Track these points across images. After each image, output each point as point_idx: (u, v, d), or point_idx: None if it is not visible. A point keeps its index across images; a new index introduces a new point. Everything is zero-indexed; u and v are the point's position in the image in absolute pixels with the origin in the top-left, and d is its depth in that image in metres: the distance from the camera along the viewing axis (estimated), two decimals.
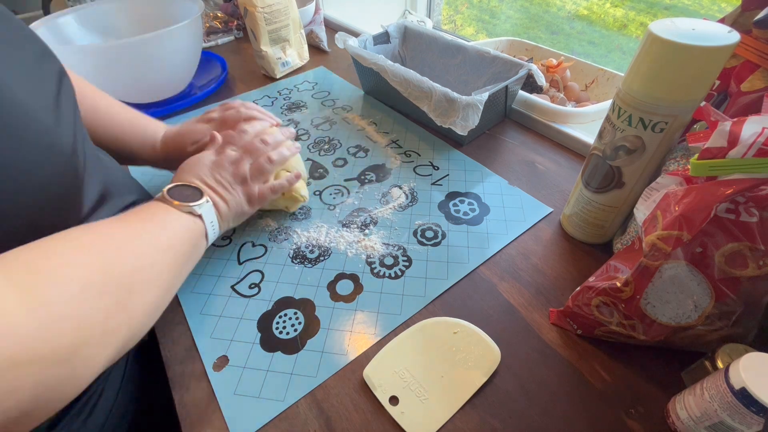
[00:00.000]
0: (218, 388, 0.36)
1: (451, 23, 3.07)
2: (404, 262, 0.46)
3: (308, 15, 0.90)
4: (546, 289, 0.42)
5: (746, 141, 0.26)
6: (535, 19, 3.03)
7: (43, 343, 0.23)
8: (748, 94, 0.36)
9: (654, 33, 0.31)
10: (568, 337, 0.39)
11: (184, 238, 0.36)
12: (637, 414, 0.33)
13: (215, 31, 1.04)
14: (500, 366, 0.36)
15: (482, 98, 0.53)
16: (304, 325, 0.41)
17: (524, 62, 0.61)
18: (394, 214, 0.52)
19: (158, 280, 0.32)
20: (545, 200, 0.52)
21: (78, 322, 0.25)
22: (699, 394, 0.29)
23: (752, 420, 0.26)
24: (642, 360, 0.36)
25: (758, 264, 0.29)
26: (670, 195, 0.31)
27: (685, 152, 0.36)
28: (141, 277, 0.30)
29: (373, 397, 0.35)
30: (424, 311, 0.41)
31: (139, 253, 0.31)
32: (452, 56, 0.70)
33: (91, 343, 0.26)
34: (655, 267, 0.30)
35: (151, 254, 0.32)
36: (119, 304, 0.28)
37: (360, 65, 0.68)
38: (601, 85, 0.73)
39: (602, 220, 0.43)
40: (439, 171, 0.57)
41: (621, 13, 2.88)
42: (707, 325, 0.32)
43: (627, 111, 0.35)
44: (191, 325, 0.41)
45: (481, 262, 0.45)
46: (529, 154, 0.59)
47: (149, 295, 0.31)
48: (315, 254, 0.47)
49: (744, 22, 0.36)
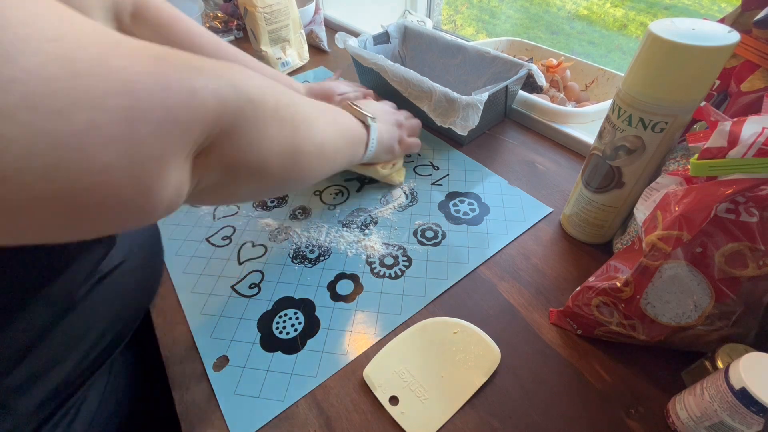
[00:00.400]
0: (218, 388, 0.36)
1: (451, 23, 3.07)
2: (404, 262, 0.46)
3: (308, 15, 0.90)
4: (546, 289, 0.42)
5: (746, 141, 0.26)
6: (535, 19, 3.03)
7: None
8: (748, 94, 0.36)
9: (654, 33, 0.31)
10: (568, 337, 0.38)
11: (350, 133, 0.42)
12: (637, 414, 0.33)
13: (215, 31, 1.04)
14: (500, 366, 0.36)
15: (482, 98, 0.53)
16: (304, 325, 0.41)
17: (524, 62, 0.61)
18: (394, 214, 0.52)
19: (324, 150, 0.36)
20: (545, 200, 0.52)
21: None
22: (699, 394, 0.29)
23: (752, 420, 0.26)
24: (642, 360, 0.36)
25: (758, 264, 0.29)
26: (670, 195, 0.31)
27: (685, 152, 0.36)
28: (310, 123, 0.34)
29: (373, 397, 0.35)
30: (424, 311, 0.41)
31: (321, 124, 0.35)
32: (452, 56, 0.70)
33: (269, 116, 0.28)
34: (655, 267, 0.30)
35: (330, 130, 0.37)
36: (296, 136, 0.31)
37: (360, 65, 0.68)
38: (601, 85, 0.73)
39: (602, 220, 0.43)
40: (439, 171, 0.57)
41: (621, 13, 2.88)
42: (707, 325, 0.32)
43: (627, 111, 0.35)
44: (191, 325, 0.41)
45: (481, 262, 0.45)
46: (529, 154, 0.59)
47: (312, 157, 0.34)
48: (315, 254, 0.47)
49: (744, 22, 0.36)
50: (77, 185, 0.18)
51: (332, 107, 0.42)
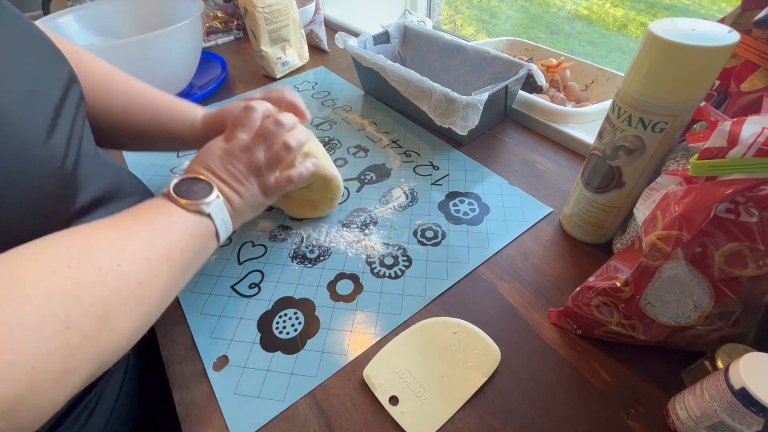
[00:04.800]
0: (218, 388, 0.36)
1: (451, 23, 3.07)
2: (404, 262, 0.46)
3: (308, 15, 0.90)
4: (546, 289, 0.42)
5: (746, 141, 0.26)
6: (535, 19, 3.03)
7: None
8: (748, 94, 0.36)
9: (654, 33, 0.31)
10: (568, 337, 0.39)
11: (187, 244, 0.32)
12: (637, 414, 0.33)
13: (215, 31, 1.04)
14: (500, 366, 0.36)
15: (482, 98, 0.53)
16: (304, 325, 0.41)
17: (524, 62, 0.61)
18: (394, 214, 0.52)
19: (145, 298, 0.28)
20: (545, 200, 0.52)
21: (29, 367, 0.21)
22: (699, 394, 0.29)
23: (752, 420, 0.26)
24: (642, 360, 0.36)
25: (758, 264, 0.29)
26: (670, 195, 0.31)
27: (685, 152, 0.36)
28: (122, 298, 0.26)
29: (373, 397, 0.35)
30: (424, 311, 0.41)
31: (126, 269, 0.27)
32: (452, 56, 0.70)
33: (44, 388, 0.21)
34: (655, 267, 0.30)
35: (140, 269, 0.28)
36: (88, 338, 0.24)
37: (360, 65, 0.68)
38: (601, 85, 0.73)
39: (602, 220, 0.43)
40: (439, 171, 0.57)
41: (621, 13, 2.88)
42: (707, 325, 0.32)
43: (627, 111, 0.35)
44: (191, 325, 0.41)
45: (481, 262, 0.45)
46: (529, 154, 0.59)
47: (130, 319, 0.27)
48: (315, 254, 0.47)
49: (744, 22, 0.36)
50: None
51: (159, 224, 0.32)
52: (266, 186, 0.40)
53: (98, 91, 0.44)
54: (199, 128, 0.48)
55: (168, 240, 0.31)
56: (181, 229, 0.32)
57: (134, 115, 0.46)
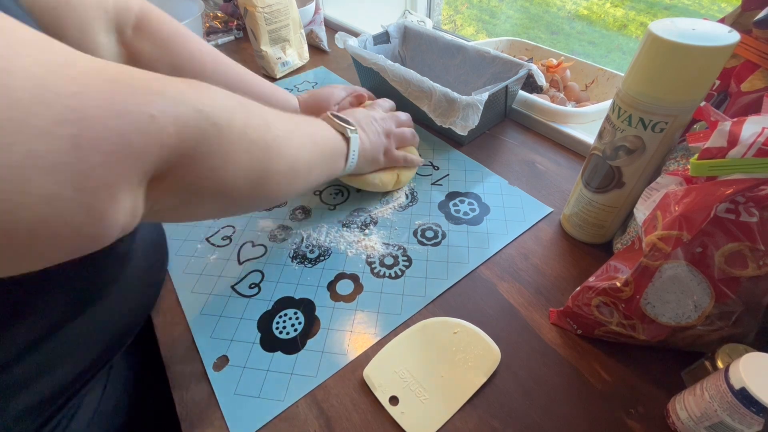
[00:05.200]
0: (218, 388, 0.36)
1: (451, 23, 3.07)
2: (404, 262, 0.46)
3: (308, 15, 0.90)
4: (546, 289, 0.42)
5: (746, 141, 0.26)
6: (535, 19, 3.03)
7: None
8: (748, 94, 0.36)
9: (654, 33, 0.31)
10: (568, 337, 0.38)
11: (326, 144, 0.40)
12: (637, 414, 0.33)
13: (215, 31, 1.04)
14: (500, 366, 0.36)
15: (482, 98, 0.53)
16: (304, 325, 0.41)
17: (524, 62, 0.61)
18: (394, 214, 0.52)
19: (293, 153, 0.34)
20: (545, 200, 0.52)
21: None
22: (699, 394, 0.29)
23: (752, 420, 0.26)
24: (642, 360, 0.36)
25: (758, 264, 0.29)
26: (670, 195, 0.31)
27: (685, 152, 0.36)
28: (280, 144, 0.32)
29: (373, 397, 0.35)
30: (424, 311, 0.41)
31: (292, 125, 0.35)
32: (452, 56, 0.70)
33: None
34: (655, 267, 0.30)
35: (298, 132, 0.36)
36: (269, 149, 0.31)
37: (360, 65, 0.68)
38: (601, 85, 0.73)
39: (602, 220, 0.43)
40: (439, 171, 0.57)
41: (621, 13, 2.88)
42: (707, 325, 0.32)
43: (627, 111, 0.35)
44: (191, 325, 0.41)
45: (481, 262, 0.45)
46: (529, 154, 0.59)
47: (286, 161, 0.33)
48: (315, 254, 0.47)
49: (744, 22, 0.36)
50: (17, 218, 0.16)
51: (310, 120, 0.41)
52: (388, 149, 0.50)
53: (212, 81, 0.48)
54: (300, 112, 0.56)
55: (321, 138, 0.40)
56: (325, 134, 0.41)
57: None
